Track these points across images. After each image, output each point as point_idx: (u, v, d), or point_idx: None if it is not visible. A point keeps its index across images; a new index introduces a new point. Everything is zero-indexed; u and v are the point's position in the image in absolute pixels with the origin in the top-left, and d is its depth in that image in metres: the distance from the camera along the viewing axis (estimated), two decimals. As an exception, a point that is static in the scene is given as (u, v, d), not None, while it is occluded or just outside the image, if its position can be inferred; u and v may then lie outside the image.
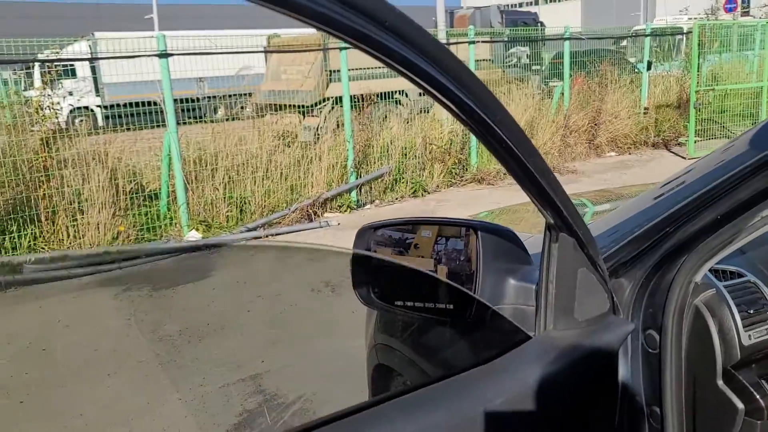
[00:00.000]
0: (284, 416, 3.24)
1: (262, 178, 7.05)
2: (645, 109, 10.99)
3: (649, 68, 11.22)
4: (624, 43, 14.53)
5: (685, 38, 12.77)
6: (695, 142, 9.71)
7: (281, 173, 7.18)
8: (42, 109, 5.99)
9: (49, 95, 6.12)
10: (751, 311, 1.19)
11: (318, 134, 8.21)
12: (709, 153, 1.14)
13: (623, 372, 1.10)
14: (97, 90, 13.07)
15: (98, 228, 5.85)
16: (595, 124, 10.13)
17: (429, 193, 8.11)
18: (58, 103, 6.11)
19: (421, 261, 1.14)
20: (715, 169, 1.03)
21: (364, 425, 0.77)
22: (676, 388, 1.07)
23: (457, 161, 8.70)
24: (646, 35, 11.41)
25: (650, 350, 1.10)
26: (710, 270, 1.16)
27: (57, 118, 6.13)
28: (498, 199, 7.78)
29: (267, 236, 6.44)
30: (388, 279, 1.18)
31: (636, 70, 11.75)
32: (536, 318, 1.00)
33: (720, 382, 1.10)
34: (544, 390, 0.90)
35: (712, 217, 1.01)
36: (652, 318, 1.09)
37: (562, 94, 10.17)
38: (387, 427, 0.77)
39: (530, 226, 2.30)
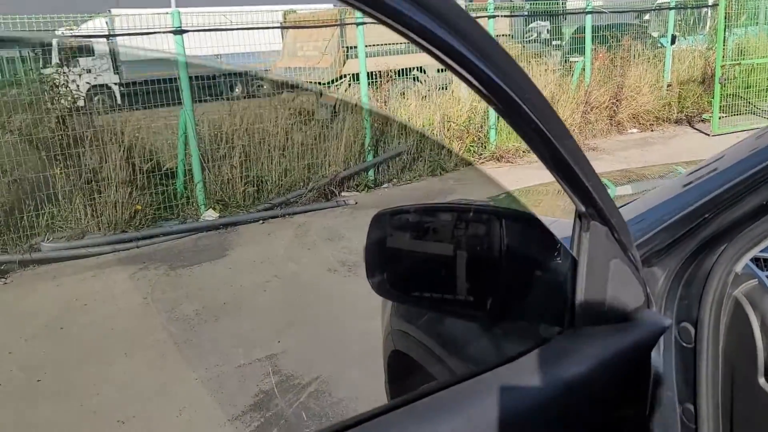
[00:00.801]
0: (300, 397, 3.22)
1: (279, 157, 7.00)
2: (668, 84, 10.73)
3: (673, 42, 10.92)
4: (647, 16, 14.17)
5: (710, 11, 12.41)
6: (719, 118, 9.47)
7: (298, 152, 7.12)
8: (58, 86, 5.97)
9: (65, 73, 6.09)
10: (796, 303, 1.11)
11: (335, 112, 8.13)
12: (739, 137, 1.06)
13: (654, 367, 1.04)
14: (115, 68, 13.08)
15: (115, 207, 5.85)
16: (617, 100, 9.91)
17: (447, 172, 8.01)
18: (74, 81, 6.08)
19: (439, 247, 1.07)
20: (757, 152, 0.95)
21: None
22: (712, 385, 1.00)
23: (475, 139, 8.58)
24: (670, 8, 11.09)
25: (684, 344, 1.03)
26: (751, 259, 1.08)
27: (73, 96, 6.10)
28: (517, 177, 7.66)
29: (284, 215, 6.40)
30: (404, 268, 1.11)
31: (659, 45, 11.45)
32: (565, 312, 0.93)
33: (762, 380, 1.02)
34: (574, 391, 0.83)
35: (757, 202, 0.93)
36: (686, 310, 1.02)
37: (584, 69, 9.95)
38: None
39: (551, 208, 2.22)
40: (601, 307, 0.90)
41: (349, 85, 8.68)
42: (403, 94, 8.60)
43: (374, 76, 7.98)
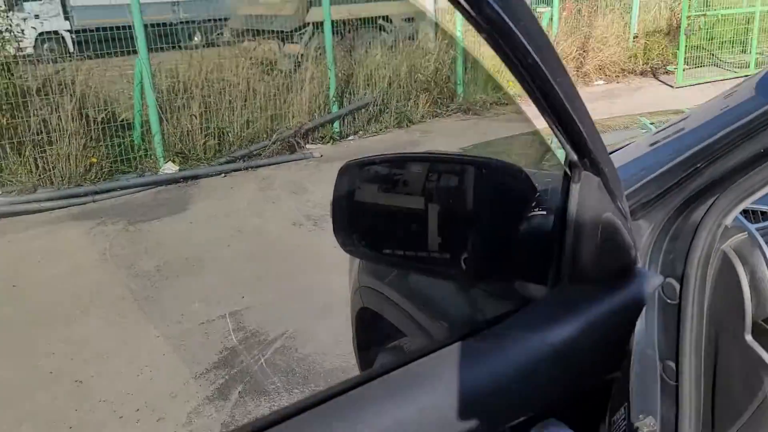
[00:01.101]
0: (266, 353, 3.16)
1: (241, 108, 6.77)
2: (634, 36, 10.69)
3: (640, -8, 10.86)
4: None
5: (678, -39, 12.32)
6: (684, 70, 9.51)
7: (260, 103, 6.90)
8: (1, 32, 5.60)
9: (8, 17, 5.72)
10: (786, 257, 1.06)
11: (299, 62, 7.87)
12: (702, 90, 1.00)
13: (636, 324, 0.98)
14: (66, 13, 12.42)
15: (69, 160, 5.60)
16: (584, 51, 9.86)
17: (414, 124, 7.89)
18: (18, 25, 5.71)
19: (412, 200, 0.98)
20: (754, 98, 0.88)
21: (346, 410, 0.63)
22: (695, 342, 0.96)
23: (442, 91, 8.45)
24: (639, -43, 10.96)
25: (668, 300, 0.97)
26: (741, 212, 1.02)
27: (18, 41, 5.74)
28: (484, 129, 7.59)
29: (247, 168, 6.23)
30: (374, 223, 1.02)
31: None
32: (550, 270, 0.86)
33: (749, 337, 0.98)
34: (560, 356, 0.77)
35: (755, 149, 0.86)
36: (671, 265, 0.96)
37: (551, 19, 9.83)
38: (376, 409, 0.64)
39: (516, 161, 2.15)
40: (590, 264, 0.83)
41: (313, 33, 8.39)
42: (370, 44, 8.37)
43: (339, 25, 7.73)
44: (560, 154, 0.86)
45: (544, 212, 0.93)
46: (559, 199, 0.85)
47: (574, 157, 0.77)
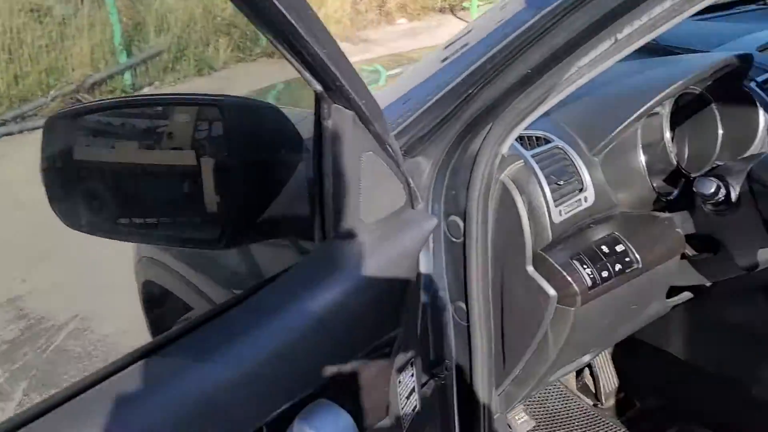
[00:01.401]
0: (56, 340, 2.79)
1: (7, 62, 5.84)
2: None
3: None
4: None
5: None
6: (477, 6, 9.95)
7: (31, 54, 6.00)
8: None
9: None
10: (561, 182, 1.04)
11: (79, 7, 6.98)
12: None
13: (423, 268, 0.91)
14: None
15: None
16: (385, -10, 9.90)
17: (216, 71, 7.42)
18: None
19: (148, 155, 0.79)
20: (516, 16, 0.80)
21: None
22: (482, 280, 0.91)
23: (244, 34, 8.01)
24: None
25: (454, 239, 0.91)
26: (517, 138, 0.97)
27: None
28: (291, 74, 7.34)
29: (21, 132, 5.43)
30: (103, 187, 0.83)
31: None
32: (313, 226, 0.73)
33: (530, 269, 0.95)
34: (326, 325, 0.65)
35: (523, 70, 0.79)
36: (454, 201, 0.89)
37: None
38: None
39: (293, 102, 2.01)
40: (355, 213, 0.71)
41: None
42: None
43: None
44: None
45: (306, 156, 0.80)
46: (314, 139, 0.72)
47: (318, 87, 0.63)
